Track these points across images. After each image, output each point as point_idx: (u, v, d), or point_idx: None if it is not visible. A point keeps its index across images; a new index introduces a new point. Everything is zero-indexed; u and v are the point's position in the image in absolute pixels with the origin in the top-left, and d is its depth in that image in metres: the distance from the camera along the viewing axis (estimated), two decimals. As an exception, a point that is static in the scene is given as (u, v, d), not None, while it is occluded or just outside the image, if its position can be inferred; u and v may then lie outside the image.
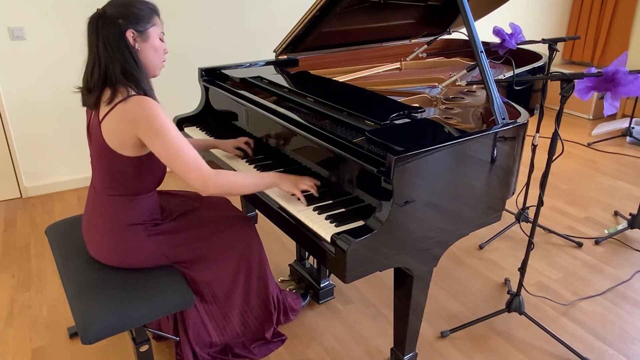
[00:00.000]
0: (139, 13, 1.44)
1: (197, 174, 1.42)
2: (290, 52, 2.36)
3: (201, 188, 1.43)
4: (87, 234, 1.64)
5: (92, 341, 1.38)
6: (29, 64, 3.00)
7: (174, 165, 1.41)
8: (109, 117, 1.42)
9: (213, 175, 1.44)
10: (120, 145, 1.44)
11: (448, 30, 2.72)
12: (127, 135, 1.42)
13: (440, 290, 2.34)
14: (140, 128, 1.39)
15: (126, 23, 1.41)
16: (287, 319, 2.05)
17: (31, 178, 3.24)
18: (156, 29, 1.49)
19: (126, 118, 1.40)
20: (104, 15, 1.40)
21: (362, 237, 1.30)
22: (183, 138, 1.43)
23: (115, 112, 1.41)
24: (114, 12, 1.41)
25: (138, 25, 1.43)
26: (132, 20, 1.42)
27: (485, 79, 1.62)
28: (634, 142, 4.23)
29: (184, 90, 3.53)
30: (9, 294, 2.30)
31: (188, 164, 1.41)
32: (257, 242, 1.79)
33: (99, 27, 1.39)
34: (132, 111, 1.39)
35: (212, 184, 1.43)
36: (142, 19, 1.44)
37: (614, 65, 1.66)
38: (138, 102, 1.39)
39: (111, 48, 1.39)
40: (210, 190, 1.44)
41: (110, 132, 1.43)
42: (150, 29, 1.47)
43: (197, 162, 1.42)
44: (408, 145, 1.35)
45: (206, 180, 1.42)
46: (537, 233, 2.82)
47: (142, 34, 1.45)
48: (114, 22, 1.40)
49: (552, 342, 2.01)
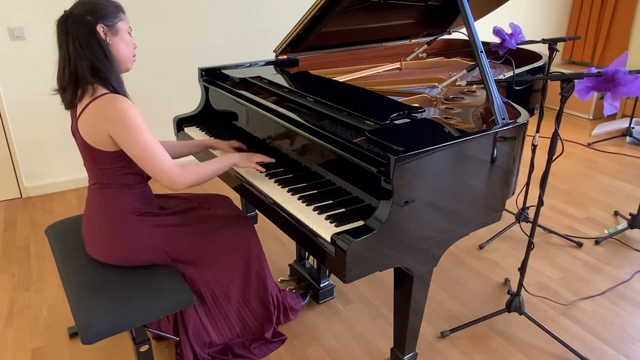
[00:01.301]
0: (105, 9, 1.47)
1: (167, 173, 1.50)
2: (290, 52, 2.36)
3: (171, 185, 1.52)
4: (86, 233, 1.65)
5: (92, 341, 1.38)
6: (29, 64, 3.00)
7: (145, 165, 1.48)
8: (84, 115, 1.46)
9: (180, 173, 1.52)
10: (96, 141, 1.48)
11: (448, 30, 2.72)
12: (101, 133, 1.45)
13: (440, 290, 2.34)
14: (113, 127, 1.43)
15: (95, 19, 1.44)
16: (287, 319, 2.05)
17: (31, 178, 3.24)
18: (124, 24, 1.53)
19: (100, 115, 1.43)
20: (71, 15, 1.42)
21: (362, 237, 1.30)
22: (153, 138, 1.48)
23: (89, 110, 1.44)
24: (81, 10, 1.43)
25: (106, 20, 1.46)
26: (100, 15, 1.45)
27: (485, 79, 1.62)
28: (634, 142, 4.23)
29: (184, 90, 3.53)
30: (9, 294, 2.30)
31: (158, 164, 1.48)
32: (256, 241, 1.79)
33: (68, 27, 1.42)
34: (105, 109, 1.42)
35: (180, 179, 1.52)
36: (109, 14, 1.48)
37: (614, 65, 1.66)
38: (111, 101, 1.43)
39: (81, 46, 1.42)
40: (178, 187, 1.53)
41: (86, 129, 1.47)
42: (119, 23, 1.50)
43: (165, 162, 1.49)
44: (408, 145, 1.35)
45: (174, 177, 1.51)
46: (537, 233, 2.82)
47: (111, 28, 1.48)
48: (82, 20, 1.42)
49: (552, 342, 2.01)
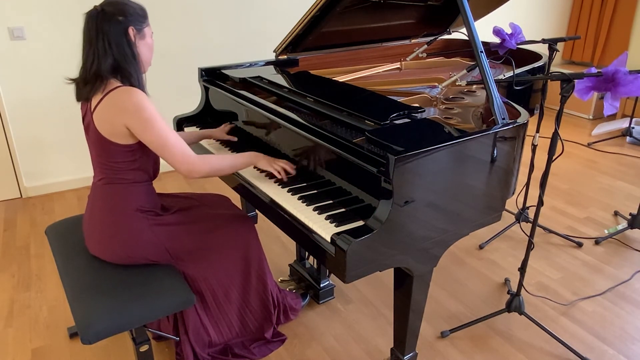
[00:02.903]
0: (135, 13, 1.51)
1: (185, 160, 1.52)
2: (290, 52, 2.36)
3: (187, 173, 1.54)
4: (87, 229, 1.65)
5: (92, 341, 1.38)
6: (29, 64, 3.00)
7: (163, 153, 1.50)
8: (100, 106, 1.48)
9: (198, 160, 1.55)
10: (111, 133, 1.50)
11: (448, 30, 2.72)
12: (117, 124, 1.48)
13: (440, 290, 2.34)
14: (129, 118, 1.46)
15: (127, 21, 1.48)
16: (286, 319, 2.05)
17: (31, 178, 3.24)
18: (149, 29, 1.58)
19: (116, 107, 1.46)
20: (103, 12, 1.45)
21: (362, 237, 1.30)
22: (169, 127, 1.51)
23: (105, 101, 1.47)
24: (113, 9, 1.47)
25: (136, 23, 1.51)
26: (131, 19, 1.49)
27: (485, 79, 1.62)
28: (634, 142, 4.23)
29: (184, 90, 3.53)
30: (9, 294, 2.30)
31: (175, 151, 1.51)
32: (256, 241, 1.80)
33: (99, 23, 1.45)
34: (122, 100, 1.46)
35: (197, 167, 1.54)
36: (139, 18, 1.53)
37: (614, 65, 1.66)
38: (127, 92, 1.46)
39: (109, 45, 1.46)
40: (195, 175, 1.56)
41: (102, 120, 1.49)
42: (145, 28, 1.56)
43: (183, 149, 1.53)
44: (408, 145, 1.35)
45: (192, 165, 1.53)
46: (537, 233, 2.82)
47: (140, 32, 1.53)
48: (115, 19, 1.46)
49: (552, 342, 2.01)
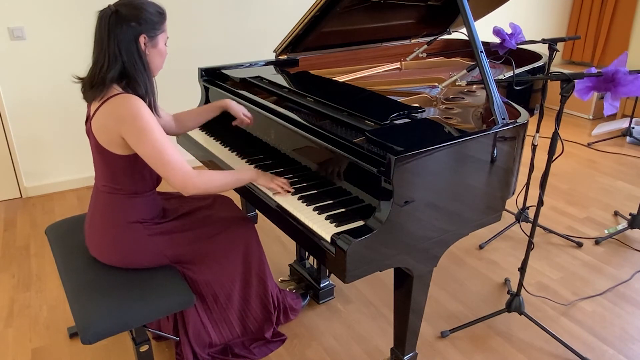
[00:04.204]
0: (152, 19, 1.44)
1: (180, 174, 1.42)
2: (290, 52, 2.36)
3: (182, 189, 1.44)
4: (88, 232, 1.65)
5: (92, 341, 1.38)
6: (29, 64, 2.99)
7: (157, 166, 1.42)
8: (98, 114, 1.43)
9: (194, 175, 1.44)
10: (108, 142, 1.45)
11: (448, 30, 2.72)
12: (113, 133, 1.42)
13: (440, 290, 2.34)
14: (125, 127, 1.39)
15: (140, 27, 1.41)
16: (287, 319, 2.05)
17: (31, 178, 3.24)
18: (164, 35, 1.51)
19: (112, 115, 1.40)
20: (116, 14, 1.39)
21: (362, 237, 1.30)
22: (167, 138, 1.43)
23: (103, 109, 1.42)
24: (127, 12, 1.40)
25: (150, 31, 1.44)
26: (145, 26, 1.42)
27: (485, 79, 1.62)
28: (634, 142, 4.23)
29: (184, 90, 3.53)
30: (9, 294, 2.30)
31: (170, 165, 1.41)
32: (256, 242, 1.79)
33: (111, 25, 1.38)
34: (118, 108, 1.39)
35: (192, 184, 1.44)
36: (154, 25, 1.45)
37: (614, 65, 1.66)
38: (123, 101, 1.40)
39: (119, 50, 1.40)
40: (190, 191, 1.45)
41: (99, 129, 1.44)
42: (160, 35, 1.48)
43: (179, 163, 1.42)
44: (408, 145, 1.35)
45: (187, 180, 1.43)
46: (537, 233, 2.82)
47: (152, 39, 1.46)
48: (127, 24, 1.39)
49: (552, 342, 2.01)
